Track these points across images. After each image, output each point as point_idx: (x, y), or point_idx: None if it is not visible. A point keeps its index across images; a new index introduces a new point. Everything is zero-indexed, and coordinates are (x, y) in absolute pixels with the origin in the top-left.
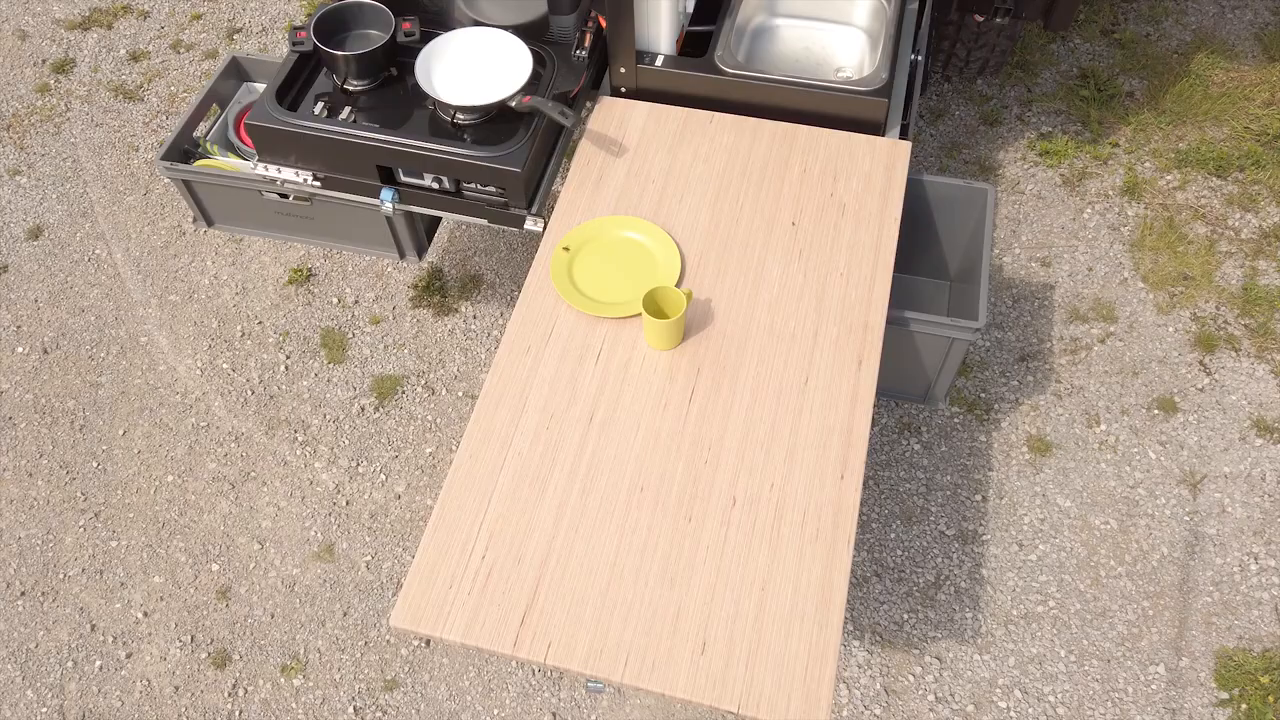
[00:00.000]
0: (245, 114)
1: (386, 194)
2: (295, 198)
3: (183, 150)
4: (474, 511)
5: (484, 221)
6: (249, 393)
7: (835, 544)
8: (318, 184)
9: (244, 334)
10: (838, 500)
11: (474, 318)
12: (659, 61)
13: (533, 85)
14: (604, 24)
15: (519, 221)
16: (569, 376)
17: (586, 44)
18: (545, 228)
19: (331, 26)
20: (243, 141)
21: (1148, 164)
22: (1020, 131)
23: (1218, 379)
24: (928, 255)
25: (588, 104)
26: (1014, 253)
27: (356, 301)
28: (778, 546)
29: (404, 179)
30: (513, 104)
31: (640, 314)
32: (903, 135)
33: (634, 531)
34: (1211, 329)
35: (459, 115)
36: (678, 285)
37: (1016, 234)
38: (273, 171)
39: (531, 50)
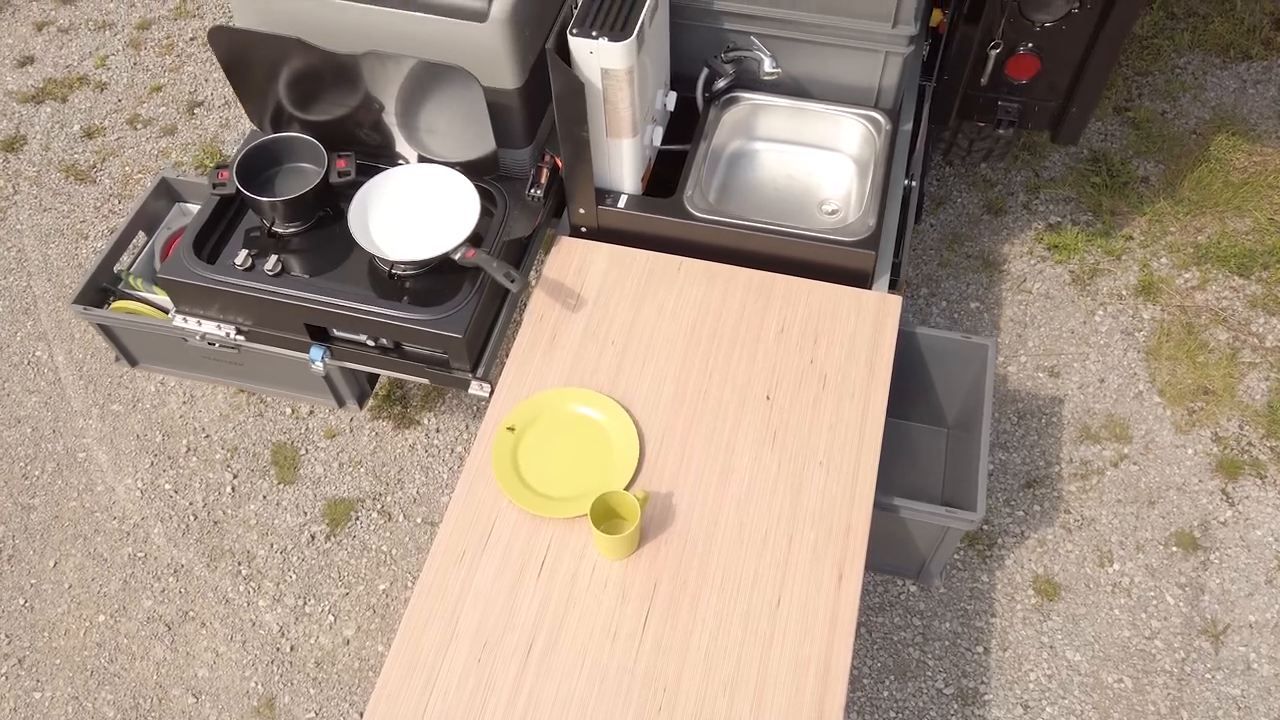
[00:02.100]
0: (176, 239)
1: (316, 353)
2: (222, 344)
3: (100, 289)
4: None
5: (425, 381)
6: (191, 518)
7: None
8: (241, 338)
9: (189, 449)
10: None
11: (436, 431)
12: (622, 202)
13: (482, 228)
14: (560, 164)
15: (463, 384)
16: (507, 592)
17: (543, 181)
18: (492, 393)
19: (259, 162)
20: None
21: (1164, 260)
22: (1027, 221)
23: (1241, 511)
24: (923, 402)
25: (540, 256)
26: (1020, 360)
27: (311, 412)
28: None
29: (338, 333)
30: (456, 257)
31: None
32: (894, 276)
33: None
34: (1234, 452)
35: (398, 266)
36: (636, 472)
37: (1023, 339)
38: (191, 324)
39: (481, 188)
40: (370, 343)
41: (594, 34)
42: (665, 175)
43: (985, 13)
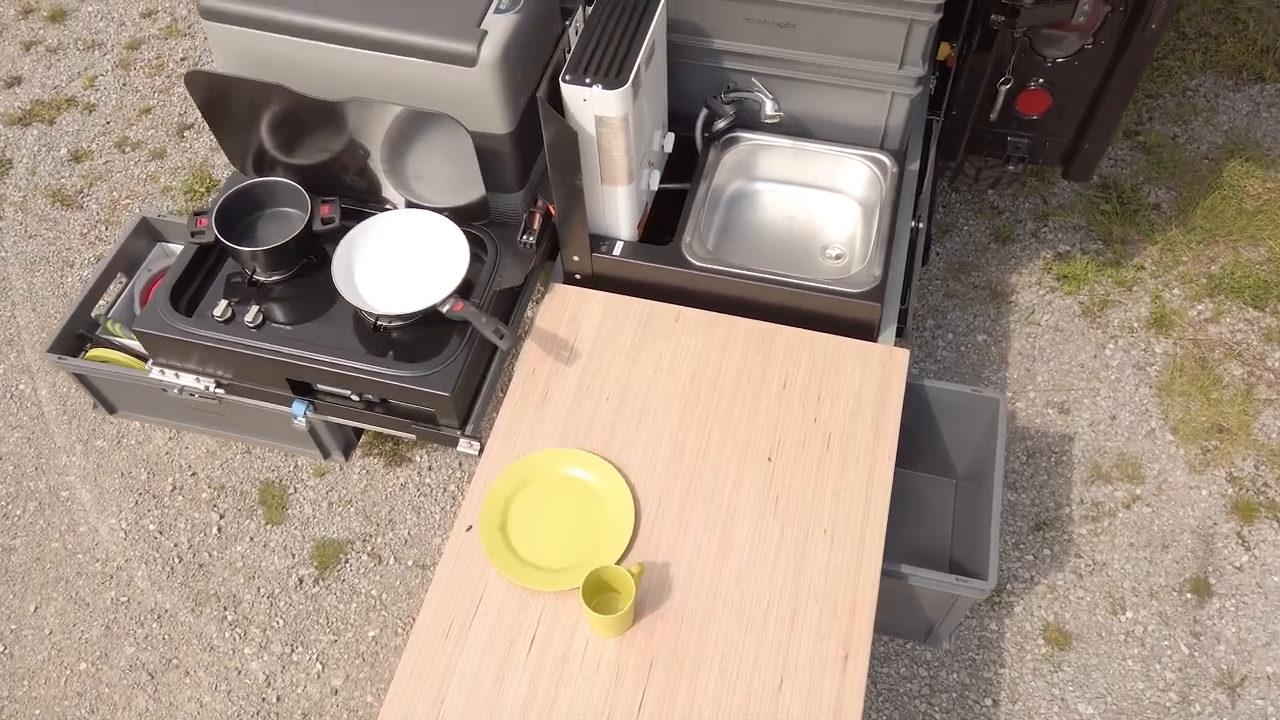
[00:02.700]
0: (157, 283)
1: (299, 408)
2: (202, 395)
3: (76, 335)
4: None
5: (411, 437)
6: (176, 560)
7: None
8: (220, 390)
9: (175, 488)
10: None
11: (429, 469)
12: (618, 249)
13: (473, 274)
14: (553, 212)
15: (451, 441)
16: (495, 673)
17: (535, 226)
18: (482, 451)
19: (240, 207)
20: None
21: (1176, 291)
22: (1035, 250)
23: (1258, 555)
24: (931, 451)
25: (539, 289)
26: (1029, 396)
27: None
28: None
29: (322, 387)
30: (444, 310)
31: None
32: (901, 323)
33: None
34: (1250, 493)
35: (384, 318)
36: (631, 540)
37: (1031, 374)
38: (169, 376)
39: (471, 234)
40: (355, 397)
41: (588, 81)
42: (663, 214)
43: (995, 48)
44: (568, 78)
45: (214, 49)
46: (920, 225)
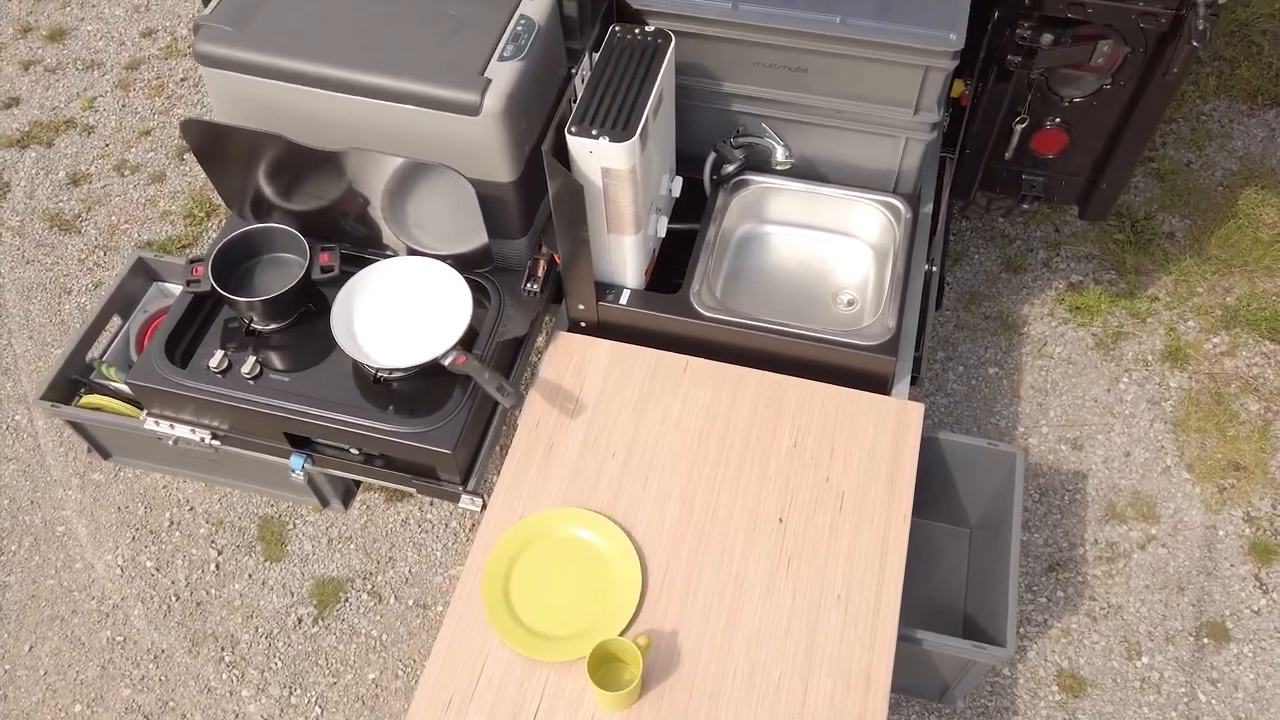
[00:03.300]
0: (154, 325)
1: (296, 461)
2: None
3: (70, 380)
4: None
5: (412, 491)
6: (173, 598)
7: None
8: (216, 442)
9: (172, 523)
10: None
11: (430, 504)
12: (624, 298)
13: (477, 321)
14: (557, 261)
15: (453, 497)
16: None
17: (540, 273)
18: (484, 508)
19: (238, 253)
20: None
21: (1191, 323)
22: (1047, 280)
23: (1276, 599)
24: (944, 501)
25: (543, 332)
26: (1041, 431)
27: None
28: None
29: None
30: (446, 363)
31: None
32: (915, 371)
33: None
34: (1267, 534)
35: (384, 370)
36: (638, 607)
37: (1044, 408)
38: (164, 427)
39: (473, 281)
40: (354, 450)
41: (594, 133)
42: (672, 251)
43: (1011, 87)
44: (573, 129)
45: (211, 94)
46: (934, 269)
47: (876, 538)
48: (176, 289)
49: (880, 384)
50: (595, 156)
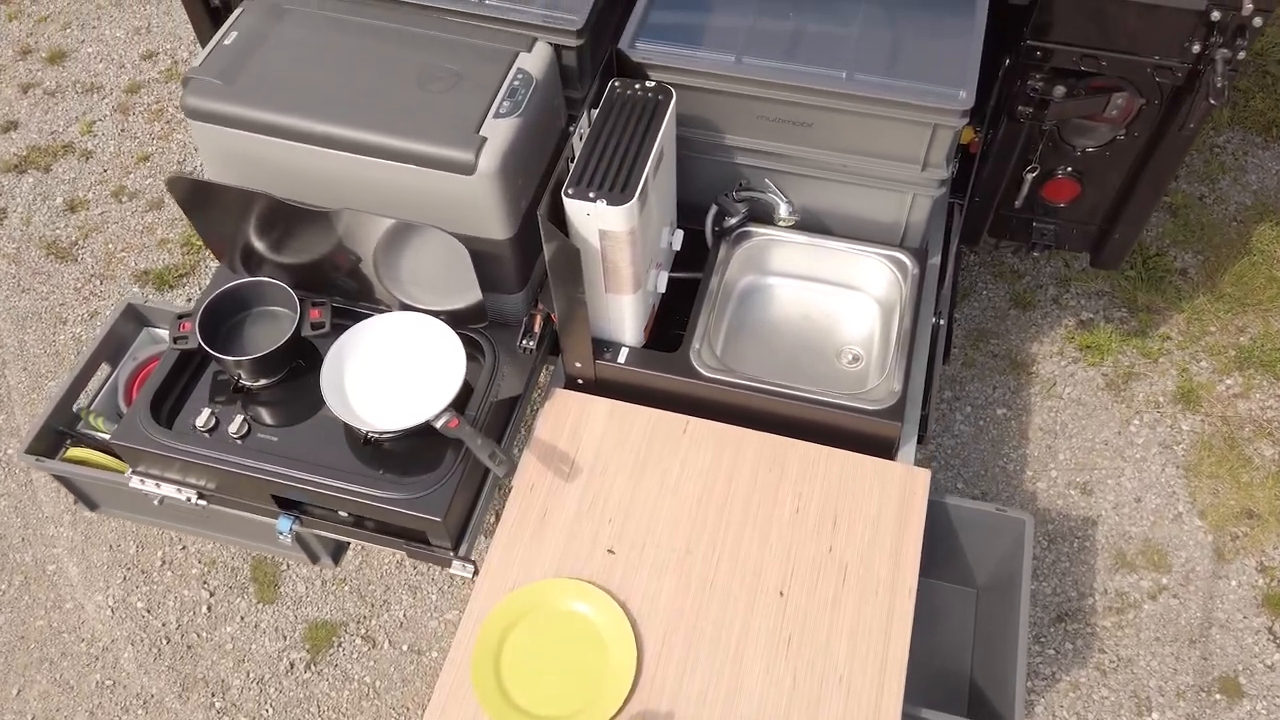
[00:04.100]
0: (144, 373)
1: (284, 524)
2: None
3: (56, 431)
4: None
5: (402, 554)
6: (164, 641)
7: None
8: (203, 502)
9: (164, 562)
10: None
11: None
12: (622, 356)
13: (471, 376)
14: (554, 319)
15: (444, 562)
16: None
17: (536, 329)
18: (476, 574)
19: (227, 307)
20: None
21: (1204, 364)
22: (1057, 318)
23: None
24: (951, 562)
25: (539, 387)
26: (1050, 475)
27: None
28: None
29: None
30: (438, 425)
31: None
32: (921, 430)
33: None
34: None
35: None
36: (633, 686)
37: (1053, 451)
38: (149, 486)
39: (467, 338)
40: (344, 513)
41: (591, 195)
42: (672, 301)
43: (1023, 137)
44: (570, 191)
45: (200, 149)
46: (941, 321)
47: (881, 611)
48: (166, 334)
49: (885, 448)
50: (593, 219)
